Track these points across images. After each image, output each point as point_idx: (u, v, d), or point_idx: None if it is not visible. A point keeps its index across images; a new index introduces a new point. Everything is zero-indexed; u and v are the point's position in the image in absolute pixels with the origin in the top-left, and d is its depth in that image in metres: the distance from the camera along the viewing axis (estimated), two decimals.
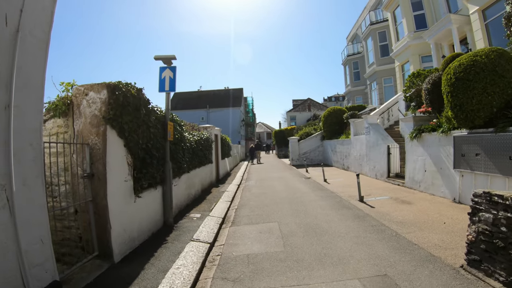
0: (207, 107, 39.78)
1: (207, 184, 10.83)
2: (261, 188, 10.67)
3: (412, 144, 8.87)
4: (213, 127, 12.22)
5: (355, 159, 13.59)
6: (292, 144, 20.31)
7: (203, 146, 9.82)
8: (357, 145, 13.34)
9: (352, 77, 30.28)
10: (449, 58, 10.96)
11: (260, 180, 12.82)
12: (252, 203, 8.03)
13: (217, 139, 13.62)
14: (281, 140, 34.79)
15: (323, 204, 7.43)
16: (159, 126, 5.49)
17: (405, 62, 19.08)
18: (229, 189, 10.28)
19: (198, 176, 9.33)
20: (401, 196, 7.97)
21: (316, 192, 9.12)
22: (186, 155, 7.47)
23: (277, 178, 13.38)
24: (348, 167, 14.57)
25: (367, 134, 12.03)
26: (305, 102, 46.38)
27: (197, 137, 9.00)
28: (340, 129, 17.53)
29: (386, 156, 10.59)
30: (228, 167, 16.78)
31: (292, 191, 9.49)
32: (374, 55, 23.10)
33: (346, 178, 11.87)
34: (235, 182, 12.32)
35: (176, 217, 6.49)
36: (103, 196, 4.03)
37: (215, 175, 12.35)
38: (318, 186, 10.28)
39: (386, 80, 22.61)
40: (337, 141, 16.36)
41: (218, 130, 13.83)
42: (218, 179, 13.29)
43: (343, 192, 8.96)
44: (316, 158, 19.70)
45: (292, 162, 20.11)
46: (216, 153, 13.23)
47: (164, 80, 5.98)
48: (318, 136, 20.06)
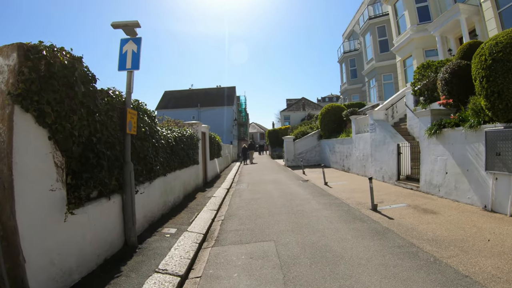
0: (198, 106, 38.26)
1: (192, 188, 9.41)
2: (253, 193, 9.28)
3: (429, 142, 7.62)
4: (200, 123, 10.81)
5: (357, 160, 12.31)
6: (287, 144, 18.98)
7: (186, 145, 8.41)
8: (359, 144, 12.06)
9: (349, 74, 29.16)
10: (465, 46, 9.80)
11: (253, 184, 11.44)
12: (242, 213, 6.63)
13: (204, 138, 12.21)
14: (274, 140, 33.48)
15: (329, 214, 6.07)
16: (114, 114, 4.07)
17: (407, 56, 17.95)
18: (216, 194, 8.88)
19: (179, 179, 7.92)
20: (420, 203, 6.69)
21: (318, 199, 7.78)
22: (160, 154, 6.05)
23: (272, 181, 12.01)
24: (349, 169, 13.29)
25: (372, 132, 10.75)
26: (300, 101, 45.14)
27: (177, 133, 7.58)
28: (339, 127, 16.27)
29: (395, 156, 9.32)
30: (218, 169, 15.37)
31: (290, 197, 8.13)
32: (373, 51, 21.96)
33: (349, 181, 10.56)
34: (225, 185, 10.92)
35: (144, 233, 5.07)
36: (10, 213, 2.63)
37: (202, 177, 10.93)
38: (319, 191, 8.94)
39: (385, 77, 21.48)
40: (336, 140, 15.08)
41: (206, 127, 12.42)
42: (206, 182, 11.88)
43: (349, 198, 7.63)
44: (312, 158, 18.41)
45: (287, 163, 18.78)
46: (203, 153, 11.81)
47: (125, 56, 4.57)
48: (314, 135, 18.78)
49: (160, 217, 6.14)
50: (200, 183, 10.54)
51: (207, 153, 12.34)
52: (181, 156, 7.91)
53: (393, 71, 20.84)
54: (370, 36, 22.47)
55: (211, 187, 10.71)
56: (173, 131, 7.52)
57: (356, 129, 12.58)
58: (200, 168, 10.61)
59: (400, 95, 13.33)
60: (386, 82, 21.45)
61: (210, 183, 11.81)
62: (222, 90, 41.67)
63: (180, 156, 7.82)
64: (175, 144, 7.17)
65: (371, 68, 22.29)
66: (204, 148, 12.04)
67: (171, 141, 6.85)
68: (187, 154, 8.51)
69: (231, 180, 12.56)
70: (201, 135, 10.95)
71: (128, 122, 4.26)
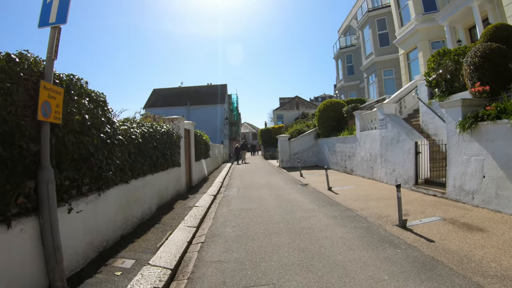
0: (188, 104, 36.47)
1: (171, 195, 7.81)
2: (244, 200, 7.72)
3: (460, 138, 6.21)
4: (182, 118, 9.20)
5: (363, 161, 10.86)
6: (281, 143, 17.45)
7: (161, 143, 6.81)
8: (366, 142, 10.61)
9: (345, 71, 27.84)
10: (491, 29, 8.45)
11: (244, 188, 9.87)
12: (229, 231, 5.06)
13: (189, 136, 10.61)
14: (268, 139, 31.97)
15: (346, 234, 4.55)
16: (15, 89, 2.48)
17: (412, 49, 16.65)
18: (200, 203, 7.29)
19: (152, 186, 6.32)
20: (456, 215, 5.25)
21: (324, 209, 6.26)
22: (116, 155, 4.46)
23: (266, 184, 10.46)
24: (353, 170, 11.84)
25: (383, 128, 9.31)
26: (293, 100, 43.68)
27: (146, 128, 5.98)
28: (339, 125, 14.83)
29: (412, 157, 7.89)
30: (205, 171, 13.75)
31: (289, 207, 6.59)
32: (373, 45, 20.64)
33: (356, 186, 9.09)
34: (212, 191, 9.33)
35: (87, 268, 3.48)
36: None
37: (185, 182, 9.33)
38: (323, 199, 7.43)
39: (386, 72, 20.18)
40: (337, 139, 13.63)
41: (191, 124, 10.82)
42: (191, 187, 10.28)
43: (364, 209, 6.14)
44: (309, 159, 16.93)
45: (282, 164, 17.25)
46: (187, 154, 10.21)
47: (49, 6, 2.99)
48: (311, 133, 17.30)
49: (117, 240, 4.54)
50: (182, 189, 8.93)
51: (192, 153, 10.73)
52: (154, 157, 6.31)
53: (394, 65, 19.57)
54: (369, 30, 21.16)
55: (195, 192, 9.11)
56: (142, 125, 5.91)
57: (361, 126, 11.14)
58: (182, 171, 9.00)
59: (409, 89, 11.95)
60: (386, 78, 20.16)
61: (195, 188, 10.20)
62: (213, 88, 39.98)
63: (152, 157, 6.22)
64: (142, 142, 5.56)
65: (371, 63, 20.97)
66: (188, 148, 10.44)
67: (136, 138, 5.24)
68: (163, 155, 6.91)
69: (219, 184, 10.98)
70: (183, 133, 9.35)
71: (43, 104, 2.66)
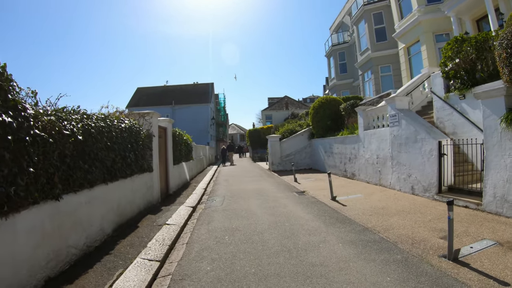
0: (173, 103, 34.61)
1: (137, 209, 6.19)
2: (230, 215, 6.15)
3: (504, 136, 4.89)
4: (155, 113, 7.57)
5: (367, 164, 9.48)
6: (272, 144, 15.95)
7: (120, 143, 5.19)
8: (371, 143, 9.24)
9: (338, 69, 26.66)
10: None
11: (230, 197, 8.31)
12: (206, 270, 3.50)
13: (165, 135, 8.98)
14: (256, 140, 30.47)
15: (379, 276, 3.07)
16: None
17: (413, 43, 15.48)
18: (174, 219, 5.70)
19: (105, 200, 4.71)
20: None
21: (335, 230, 4.78)
22: (30, 159, 2.85)
23: (256, 192, 8.94)
24: (354, 175, 10.46)
25: (395, 126, 7.95)
26: (282, 100, 42.38)
27: (93, 122, 4.35)
28: (335, 124, 13.48)
29: (435, 159, 6.54)
30: (187, 175, 12.10)
31: (289, 227, 5.06)
32: (369, 40, 19.44)
33: (364, 194, 7.66)
34: (191, 200, 7.74)
35: None
36: None
37: (158, 190, 7.70)
38: (330, 213, 5.94)
39: (383, 69, 19.01)
40: (335, 139, 12.24)
41: (168, 121, 9.19)
42: (167, 195, 8.66)
43: (387, 229, 4.69)
44: (302, 161, 15.49)
45: (273, 167, 15.73)
46: (163, 156, 8.59)
47: None
48: (305, 134, 15.87)
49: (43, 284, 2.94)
50: (155, 199, 7.31)
51: (169, 155, 9.09)
52: (108, 161, 4.69)
53: (392, 61, 18.43)
54: (365, 24, 19.97)
55: (171, 203, 7.50)
56: (88, 117, 4.29)
57: (365, 124, 9.76)
58: (155, 177, 7.38)
59: (416, 83, 10.68)
60: (384, 74, 18.98)
61: (172, 196, 8.57)
62: (199, 86, 38.24)
63: (105, 162, 4.60)
64: (86, 140, 3.94)
65: (367, 59, 19.77)
66: (164, 149, 8.81)
67: (73, 135, 3.62)
68: (123, 158, 5.29)
69: (202, 191, 9.38)
70: (157, 131, 7.73)
71: None
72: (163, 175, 8.44)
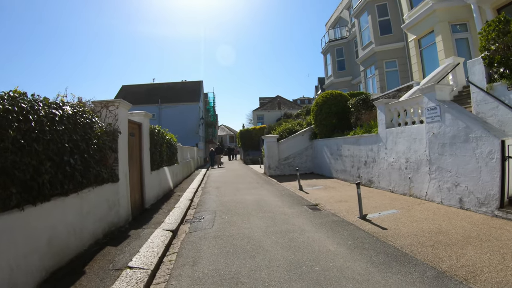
0: (159, 102, 32.42)
1: (92, 239, 4.24)
2: (225, 248, 4.26)
3: None
4: (123, 103, 5.62)
5: (392, 169, 7.77)
6: (269, 146, 14.10)
7: (48, 141, 3.27)
8: (398, 143, 7.53)
9: (335, 66, 25.12)
10: None
11: (224, 214, 6.42)
12: None
13: (140, 133, 7.04)
14: (247, 142, 28.63)
15: None
16: None
17: (426, 33, 13.98)
18: (141, 259, 3.77)
19: (20, 236, 2.78)
20: None
21: (398, 280, 2.96)
22: None
23: (256, 206, 7.08)
24: (372, 182, 8.74)
25: (435, 122, 6.26)
26: (274, 100, 40.66)
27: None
28: (342, 122, 11.78)
29: (497, 164, 4.89)
30: (170, 182, 10.13)
31: (323, 277, 3.19)
32: (373, 33, 17.90)
33: (400, 209, 5.89)
34: (172, 219, 5.82)
35: None
36: None
37: (128, 207, 5.75)
38: (372, 244, 4.11)
39: (388, 64, 17.48)
40: (344, 140, 10.52)
41: (143, 115, 7.23)
42: (142, 211, 6.72)
43: (475, 272, 2.92)
44: (302, 165, 13.72)
45: (270, 172, 13.87)
46: (135, 160, 6.66)
47: None
48: (306, 133, 14.10)
49: None
50: (122, 219, 5.37)
51: (144, 159, 7.14)
52: (22, 170, 2.77)
53: (398, 56, 16.96)
54: (368, 16, 18.44)
55: (145, 223, 5.57)
56: None
57: (387, 120, 8.06)
58: (122, 188, 5.44)
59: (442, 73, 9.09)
60: (389, 70, 17.45)
61: (148, 212, 6.62)
62: (187, 84, 36.15)
63: (15, 172, 2.68)
64: None
65: (370, 53, 18.22)
66: (137, 151, 6.86)
67: None
68: (57, 165, 3.36)
69: (187, 203, 7.47)
70: (126, 127, 5.79)
71: None
72: (136, 185, 6.50)
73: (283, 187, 10.02)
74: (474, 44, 12.98)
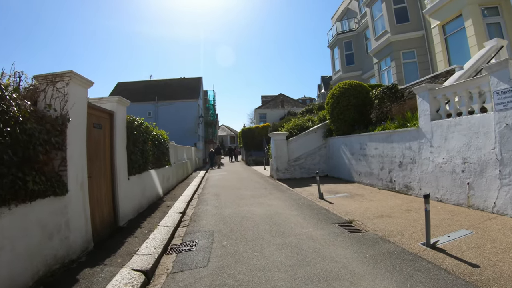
0: (156, 99, 30.67)
1: (13, 286, 2.51)
2: None
3: None
4: (76, 77, 3.87)
5: (440, 172, 6.01)
6: (277, 145, 12.31)
7: None
8: (450, 138, 5.78)
9: (344, 60, 23.37)
10: None
11: (225, 238, 4.63)
12: None
13: (111, 125, 5.28)
14: (250, 141, 26.87)
15: None
16: None
17: (452, 18, 12.29)
18: None
19: None
20: None
21: None
22: None
23: (270, 224, 5.30)
24: (410, 188, 6.99)
25: (510, 109, 4.50)
26: (277, 98, 38.85)
27: None
28: (363, 117, 10.05)
29: None
30: (159, 188, 8.36)
31: None
32: (388, 22, 16.14)
33: (468, 226, 4.11)
34: (151, 245, 4.07)
35: None
36: None
37: (85, 230, 4.00)
38: None
39: (406, 55, 15.72)
40: (370, 136, 8.78)
41: (116, 101, 5.43)
42: (113, 231, 4.96)
43: None
44: (315, 167, 11.97)
45: (278, 175, 12.08)
46: (103, 161, 4.91)
47: None
48: (319, 130, 12.32)
49: None
50: (75, 249, 3.62)
51: (118, 160, 5.36)
52: None
53: (417, 46, 15.20)
54: (382, 4, 16.70)
55: (111, 254, 3.82)
56: None
57: (432, 110, 6.32)
58: (75, 204, 3.69)
59: (487, 55, 7.38)
60: (407, 61, 15.69)
61: (121, 233, 4.84)
62: (186, 81, 34.36)
63: None
64: None
65: (385, 43, 16.46)
66: (107, 149, 5.10)
67: None
68: None
69: (177, 217, 5.73)
70: (84, 114, 4.05)
71: None
72: (104, 196, 4.76)
73: (297, 194, 8.26)
74: (508, 29, 11.28)
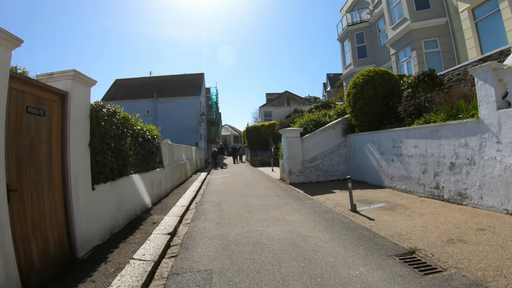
0: (155, 96, 29.14)
1: None
2: None
3: None
4: (7, 35, 2.35)
5: None
6: (289, 143, 10.64)
7: None
8: None
9: (355, 53, 21.67)
10: None
11: (228, 282, 3.09)
12: None
13: (62, 113, 3.69)
14: (255, 140, 25.25)
15: None
16: None
17: (483, 1, 10.59)
18: None
19: None
20: None
21: None
22: None
23: (293, 259, 3.69)
24: (465, 196, 5.36)
25: None
26: (283, 95, 37.21)
27: None
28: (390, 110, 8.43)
29: None
30: (145, 198, 6.76)
31: None
32: (407, 8, 14.44)
33: None
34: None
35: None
36: None
37: (2, 273, 2.47)
38: None
39: (428, 44, 14.01)
40: (407, 132, 7.13)
41: (70, 76, 3.77)
42: (71, 263, 3.38)
43: None
44: (333, 168, 10.35)
45: (291, 178, 10.35)
46: (49, 166, 3.30)
47: None
48: (338, 126, 10.63)
49: None
50: None
51: (72, 163, 3.77)
52: None
53: (440, 34, 13.49)
54: None
55: None
56: None
57: (498, 97, 4.69)
58: None
59: None
60: (428, 51, 13.98)
61: (76, 273, 3.30)
62: (187, 77, 32.77)
63: None
64: None
65: (404, 31, 14.76)
66: (53, 147, 3.50)
67: None
68: None
69: (162, 246, 4.17)
70: (7, 89, 2.51)
71: None
72: (51, 217, 3.19)
73: (320, 204, 6.63)
74: None
